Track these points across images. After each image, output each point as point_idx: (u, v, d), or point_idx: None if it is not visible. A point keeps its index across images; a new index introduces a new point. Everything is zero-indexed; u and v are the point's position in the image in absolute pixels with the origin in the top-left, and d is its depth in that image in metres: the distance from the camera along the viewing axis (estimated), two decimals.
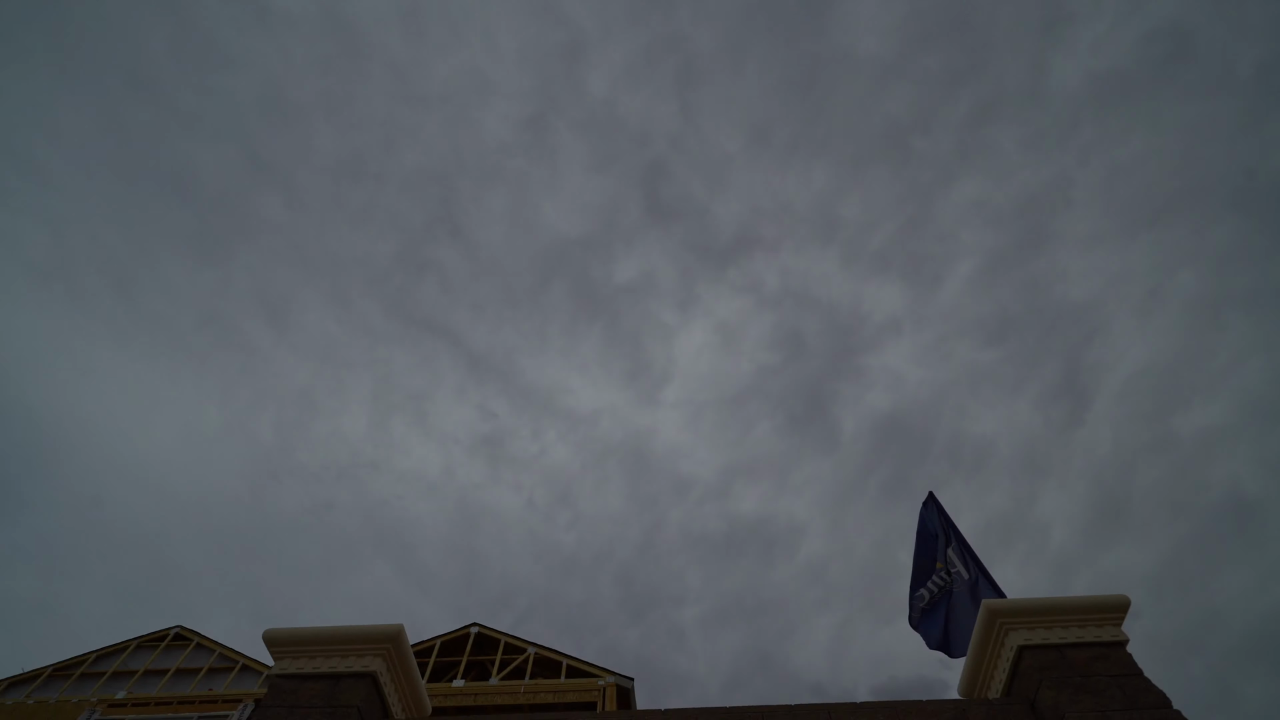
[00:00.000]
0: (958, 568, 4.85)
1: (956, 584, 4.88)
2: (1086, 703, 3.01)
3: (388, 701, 3.52)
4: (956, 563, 4.88)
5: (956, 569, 4.87)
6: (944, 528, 5.14)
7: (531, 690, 12.56)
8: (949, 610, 4.92)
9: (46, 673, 12.61)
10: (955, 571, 4.89)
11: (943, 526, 5.16)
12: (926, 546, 5.31)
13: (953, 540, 5.00)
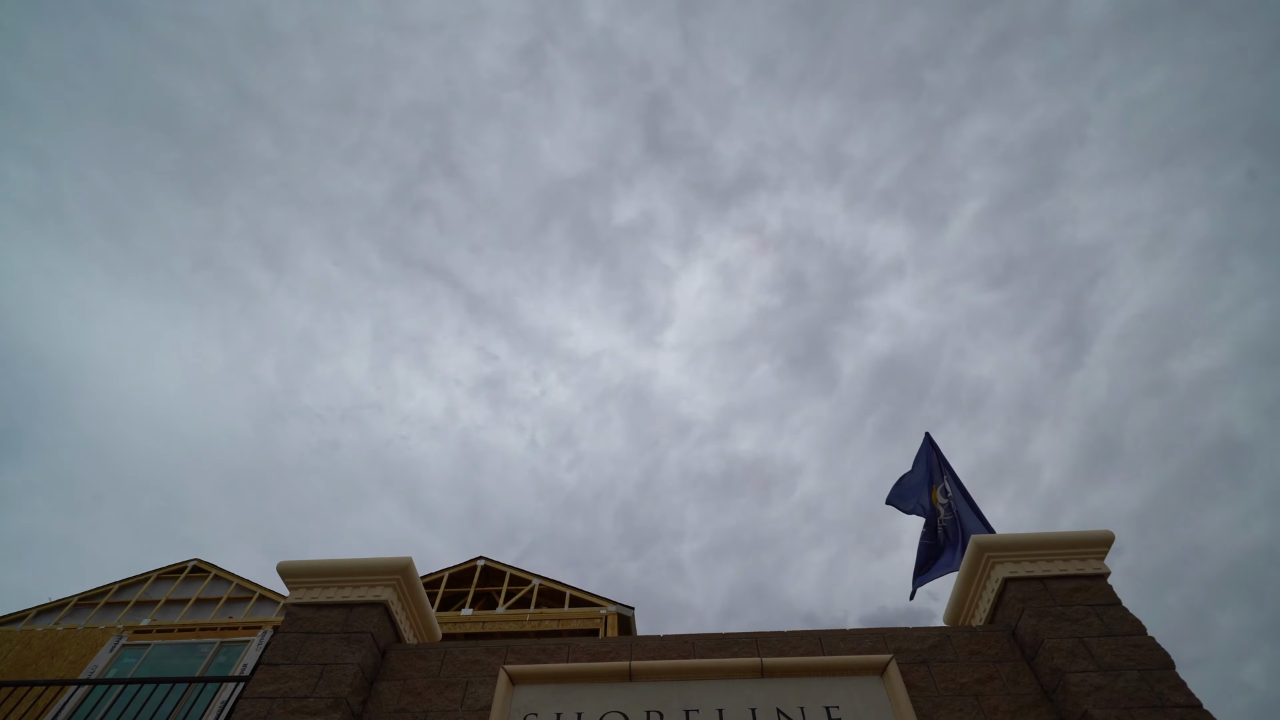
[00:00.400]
0: (950, 500, 5.00)
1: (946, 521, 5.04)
2: (1065, 630, 3.16)
3: (399, 627, 3.70)
4: (951, 492, 5.03)
5: (947, 502, 5.03)
6: (939, 467, 5.26)
7: (537, 618, 13.17)
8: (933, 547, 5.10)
9: (72, 602, 13.20)
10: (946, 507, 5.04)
11: (938, 466, 5.27)
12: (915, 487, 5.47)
13: (945, 479, 5.12)
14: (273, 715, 3.04)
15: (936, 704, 3.08)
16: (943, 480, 5.18)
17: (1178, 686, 2.88)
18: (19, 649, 12.39)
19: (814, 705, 3.12)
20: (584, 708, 3.18)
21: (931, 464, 5.37)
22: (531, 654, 3.47)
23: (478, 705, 3.21)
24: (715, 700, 3.17)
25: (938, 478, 5.29)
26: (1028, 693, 3.11)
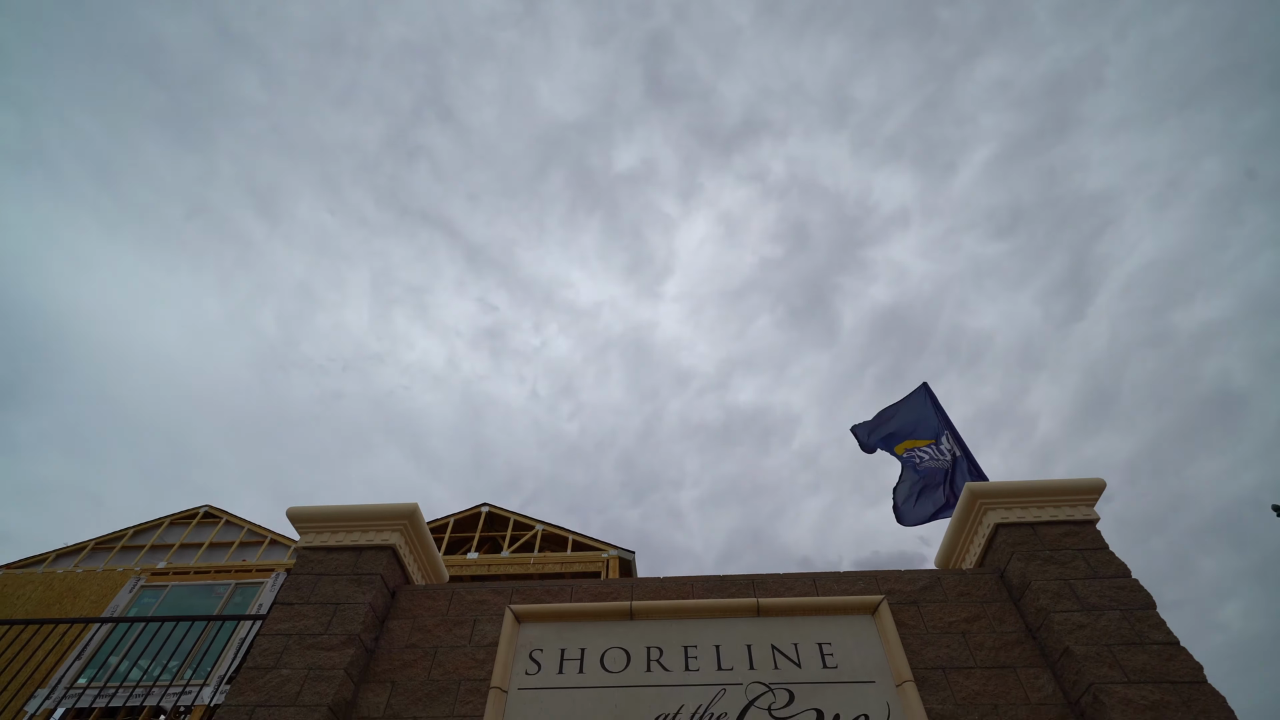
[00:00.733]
0: (945, 449, 5.10)
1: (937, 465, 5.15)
2: (1052, 572, 3.26)
3: (407, 569, 3.82)
4: (946, 444, 5.12)
5: (943, 449, 5.13)
6: (937, 415, 5.33)
7: (540, 562, 13.57)
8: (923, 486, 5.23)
9: (90, 546, 13.59)
10: (942, 454, 5.14)
11: (936, 415, 5.34)
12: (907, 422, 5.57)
13: (943, 427, 5.20)
14: (289, 650, 3.18)
15: (925, 641, 3.22)
16: (942, 432, 5.25)
17: (1157, 625, 3.00)
18: (41, 590, 12.82)
19: (807, 642, 3.25)
20: (587, 644, 3.32)
21: (923, 415, 5.43)
22: (536, 594, 3.59)
23: (485, 641, 3.35)
24: (713, 638, 3.31)
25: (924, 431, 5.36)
26: (1012, 631, 3.24)
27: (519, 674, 3.22)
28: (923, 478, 5.35)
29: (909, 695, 2.96)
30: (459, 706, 3.08)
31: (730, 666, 3.17)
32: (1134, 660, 2.86)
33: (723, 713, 2.99)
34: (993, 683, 3.03)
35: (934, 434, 5.34)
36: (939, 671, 3.09)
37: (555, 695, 3.11)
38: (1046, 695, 2.97)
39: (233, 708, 2.97)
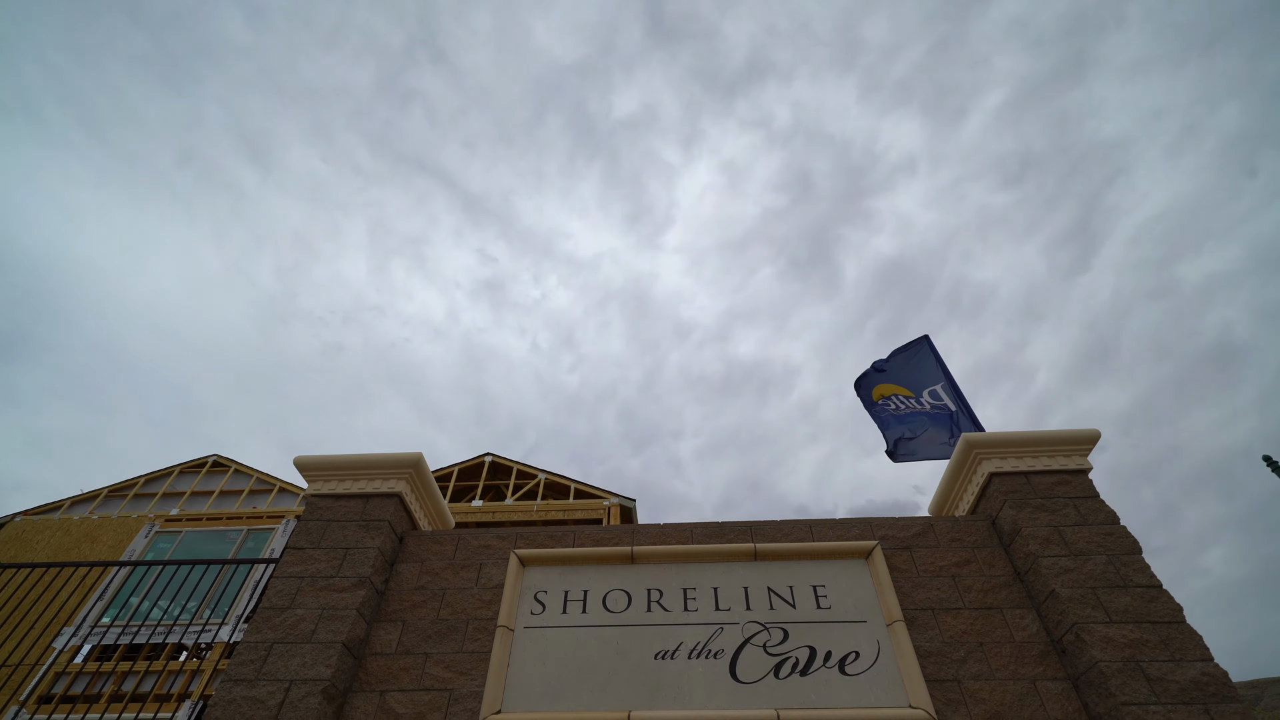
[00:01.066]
0: (943, 400, 5.16)
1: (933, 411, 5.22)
2: (1042, 519, 3.35)
3: (414, 516, 3.92)
4: (943, 396, 5.18)
5: (922, 401, 5.20)
6: (937, 366, 5.36)
7: (543, 509, 13.88)
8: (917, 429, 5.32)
9: (103, 493, 13.91)
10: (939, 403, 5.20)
11: (936, 366, 5.37)
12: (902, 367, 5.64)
13: (942, 379, 5.24)
14: (303, 592, 3.30)
15: (915, 583, 3.33)
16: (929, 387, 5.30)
17: (1141, 569, 3.09)
18: (59, 535, 13.19)
19: (802, 585, 3.37)
20: (589, 586, 3.44)
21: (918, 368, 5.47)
22: (540, 540, 3.70)
23: (491, 584, 3.47)
24: (711, 580, 3.42)
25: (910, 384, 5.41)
26: (1001, 574, 3.35)
27: (524, 614, 3.35)
28: (902, 423, 5.43)
29: (898, 634, 3.09)
30: (468, 643, 3.22)
31: (728, 607, 3.29)
32: (1117, 602, 2.97)
33: (720, 649, 3.12)
34: (979, 622, 3.15)
35: (917, 388, 5.39)
36: (928, 612, 3.21)
37: (560, 633, 3.25)
38: (1031, 634, 3.10)
39: (252, 644, 3.10)
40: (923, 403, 5.29)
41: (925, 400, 5.28)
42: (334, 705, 2.96)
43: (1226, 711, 2.59)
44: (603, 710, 2.91)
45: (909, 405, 5.39)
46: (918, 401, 5.34)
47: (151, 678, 10.10)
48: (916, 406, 5.34)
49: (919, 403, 5.33)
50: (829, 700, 2.90)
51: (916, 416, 5.38)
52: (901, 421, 5.47)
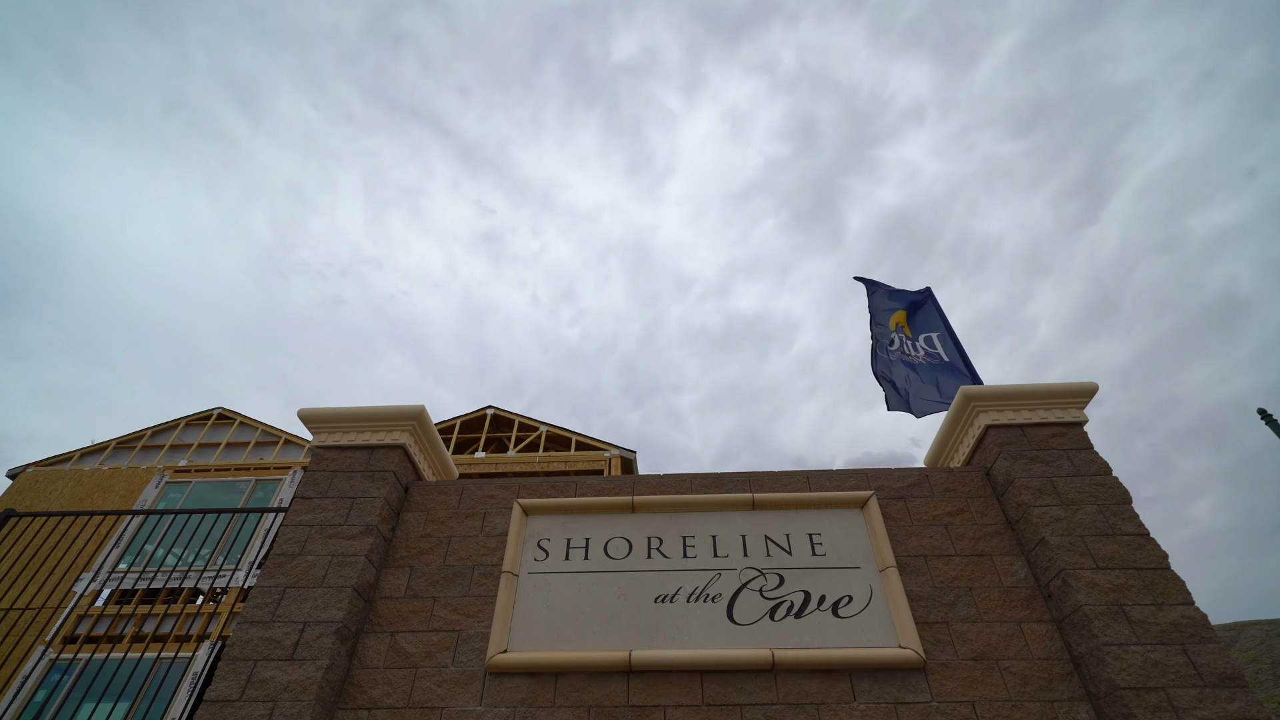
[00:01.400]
0: (937, 349, 5.18)
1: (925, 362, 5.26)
2: (1036, 470, 3.40)
3: (418, 467, 3.99)
4: (937, 345, 5.19)
5: (935, 350, 5.21)
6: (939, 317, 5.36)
7: (545, 461, 14.10)
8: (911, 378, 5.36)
9: (111, 445, 14.11)
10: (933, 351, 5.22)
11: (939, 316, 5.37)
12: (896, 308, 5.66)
13: (940, 329, 5.24)
14: (312, 539, 3.39)
15: (909, 532, 3.42)
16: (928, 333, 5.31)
17: (1130, 518, 3.17)
18: (72, 486, 13.45)
19: (799, 533, 3.46)
20: (591, 534, 3.53)
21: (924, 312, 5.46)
22: (542, 490, 3.78)
23: (495, 532, 3.56)
24: (710, 529, 3.51)
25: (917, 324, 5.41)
26: (993, 523, 3.43)
27: (528, 560, 3.45)
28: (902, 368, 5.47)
29: (891, 579, 3.19)
30: (474, 587, 3.33)
31: (726, 554, 3.39)
32: (1104, 549, 3.05)
33: (718, 593, 3.23)
34: (969, 568, 3.25)
35: (915, 331, 5.40)
36: (920, 559, 3.30)
37: (562, 578, 3.35)
38: (1019, 580, 3.20)
39: (265, 589, 3.21)
40: (918, 348, 5.31)
41: (921, 345, 5.30)
42: (347, 645, 3.09)
43: (1203, 651, 2.69)
44: (605, 650, 3.04)
45: (908, 349, 5.41)
46: (914, 346, 5.37)
47: (170, 620, 10.49)
48: (911, 353, 5.37)
49: (914, 347, 5.35)
50: (822, 641, 3.02)
51: (908, 365, 5.41)
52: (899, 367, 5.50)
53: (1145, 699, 2.57)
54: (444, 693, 2.97)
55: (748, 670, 2.94)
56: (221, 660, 2.99)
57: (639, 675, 2.96)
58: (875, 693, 2.85)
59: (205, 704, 2.84)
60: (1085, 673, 2.83)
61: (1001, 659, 2.93)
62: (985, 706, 2.79)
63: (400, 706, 2.94)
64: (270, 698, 2.82)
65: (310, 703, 2.79)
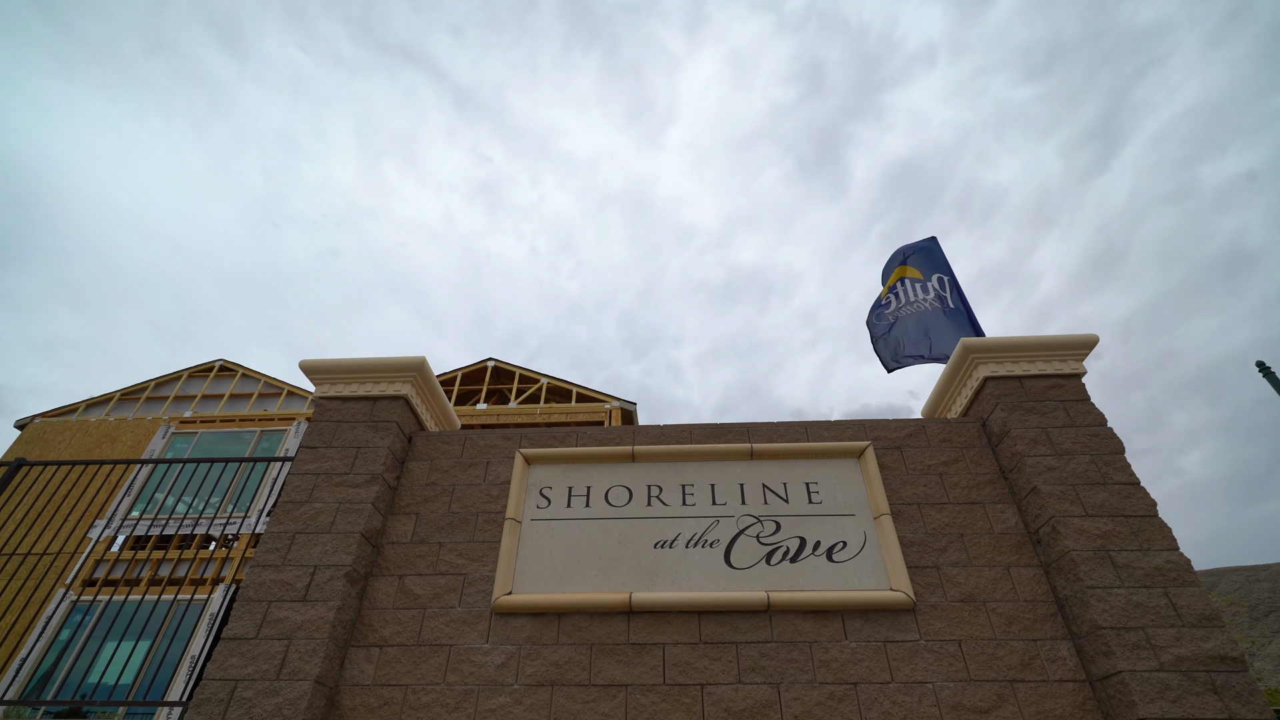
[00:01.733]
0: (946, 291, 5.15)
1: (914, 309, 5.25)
2: (1031, 421, 3.44)
3: (421, 418, 4.03)
4: (947, 288, 5.17)
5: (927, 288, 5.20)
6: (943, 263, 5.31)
7: (546, 412, 14.23)
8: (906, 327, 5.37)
9: (116, 397, 14.22)
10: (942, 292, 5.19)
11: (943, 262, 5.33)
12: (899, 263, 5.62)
13: (949, 273, 5.21)
14: (319, 487, 3.46)
15: (904, 481, 3.48)
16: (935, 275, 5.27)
17: (1122, 468, 3.22)
18: (80, 436, 13.63)
19: (796, 482, 3.52)
20: (592, 483, 3.60)
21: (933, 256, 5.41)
22: (544, 440, 3.83)
23: (498, 480, 3.63)
24: (709, 478, 3.58)
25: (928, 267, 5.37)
26: (986, 473, 3.49)
27: (530, 507, 3.53)
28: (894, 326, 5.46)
29: (884, 526, 3.27)
30: (478, 533, 3.42)
31: (724, 502, 3.47)
32: (1094, 498, 3.12)
33: (715, 539, 3.32)
34: (961, 516, 3.33)
35: (927, 273, 5.36)
36: (914, 507, 3.38)
37: (564, 525, 3.44)
38: (1009, 527, 3.28)
39: (275, 534, 3.30)
40: (928, 289, 5.28)
41: (931, 286, 5.27)
42: (357, 587, 3.19)
43: (1184, 593, 2.79)
44: (606, 592, 3.14)
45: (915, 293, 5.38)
46: (923, 289, 5.33)
47: (185, 565, 10.82)
48: (920, 296, 5.33)
49: (925, 289, 5.32)
50: (816, 584, 3.13)
51: (911, 318, 5.39)
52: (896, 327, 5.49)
53: (1125, 637, 2.68)
54: (452, 631, 3.09)
55: (744, 611, 3.05)
56: (237, 601, 3.10)
57: (639, 615, 3.07)
58: (866, 632, 2.97)
59: (224, 641, 2.97)
60: (1069, 614, 2.94)
61: (989, 601, 3.04)
62: (971, 644, 2.91)
63: (410, 644, 3.07)
64: (285, 635, 2.94)
65: (324, 640, 2.91)
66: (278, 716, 2.70)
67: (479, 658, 3.00)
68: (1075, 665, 2.83)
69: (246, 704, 2.75)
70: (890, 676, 2.84)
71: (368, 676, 2.99)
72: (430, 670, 2.98)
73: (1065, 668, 2.83)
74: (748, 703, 2.80)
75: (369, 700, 2.91)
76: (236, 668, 2.87)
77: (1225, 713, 2.48)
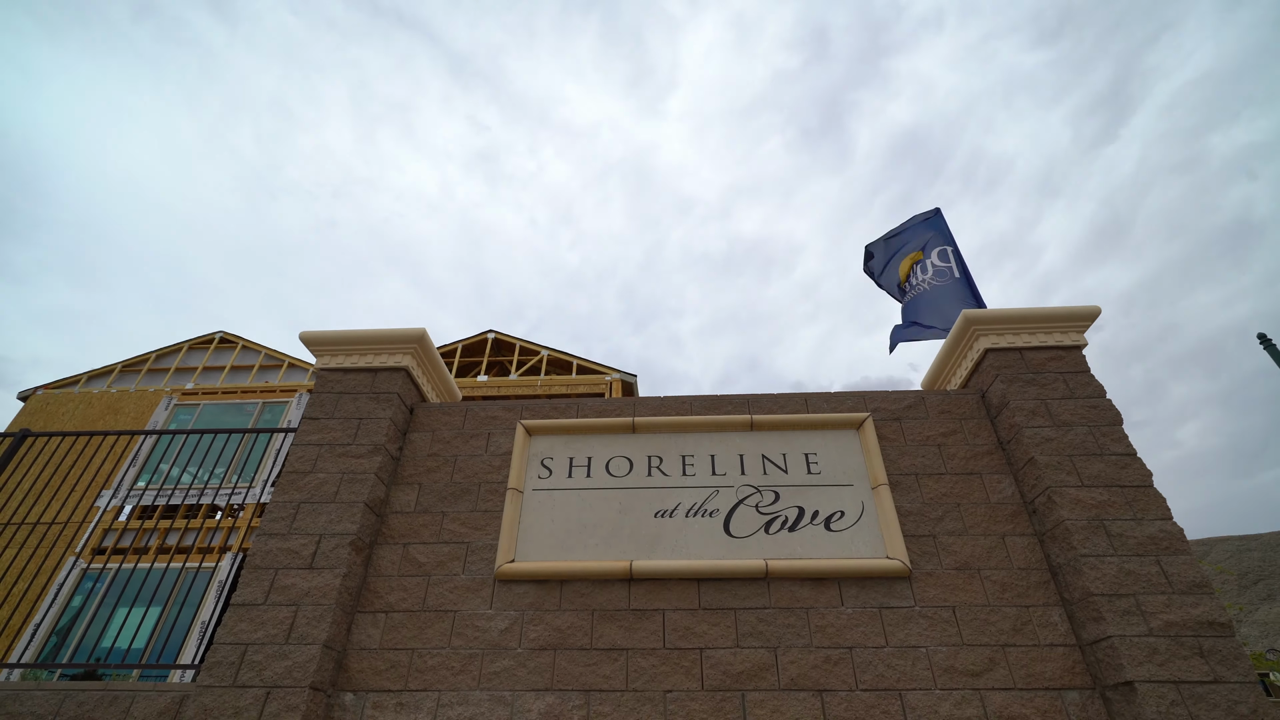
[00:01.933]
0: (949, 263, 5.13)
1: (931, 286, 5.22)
2: (1031, 393, 3.45)
3: (422, 389, 4.05)
4: (950, 259, 5.14)
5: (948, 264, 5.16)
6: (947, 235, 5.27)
7: (547, 384, 14.28)
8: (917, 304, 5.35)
9: (117, 369, 14.25)
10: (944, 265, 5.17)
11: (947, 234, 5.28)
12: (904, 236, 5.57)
13: (952, 244, 5.18)
14: (323, 458, 3.49)
15: (902, 452, 3.51)
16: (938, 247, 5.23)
17: (1119, 439, 3.24)
18: (83, 407, 13.70)
19: (795, 453, 3.55)
20: (593, 453, 3.64)
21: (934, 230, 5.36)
22: (545, 411, 3.85)
23: (500, 451, 3.66)
24: (708, 449, 3.61)
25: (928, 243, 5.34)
26: (984, 444, 3.52)
27: (532, 478, 3.57)
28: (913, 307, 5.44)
29: (882, 496, 3.31)
30: (481, 503, 3.47)
31: (724, 473, 3.50)
32: (1091, 468, 3.15)
33: (715, 509, 3.36)
34: (958, 486, 3.37)
35: (927, 250, 5.33)
36: (912, 477, 3.42)
37: (566, 494, 3.48)
38: (1005, 497, 3.32)
39: (280, 504, 3.34)
40: (928, 266, 5.25)
41: (931, 263, 5.24)
42: (362, 555, 3.25)
43: (1175, 562, 2.84)
44: (607, 560, 3.20)
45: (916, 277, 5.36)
46: (922, 269, 5.30)
47: (192, 534, 10.98)
48: (921, 278, 5.30)
49: (925, 268, 5.29)
50: (814, 552, 3.18)
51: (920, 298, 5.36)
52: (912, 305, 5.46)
53: (1116, 604, 2.74)
54: (456, 597, 3.16)
55: (742, 578, 3.11)
56: (244, 569, 3.16)
57: (640, 583, 3.13)
58: (862, 598, 3.03)
59: (233, 607, 3.03)
60: (1061, 581, 2.99)
61: (983, 569, 3.09)
62: (964, 610, 2.97)
63: (416, 609, 3.13)
64: (293, 602, 3.00)
65: (330, 606, 2.97)
66: (288, 678, 2.78)
67: (483, 623, 3.07)
68: (1066, 630, 2.90)
69: (257, 666, 2.83)
70: (885, 641, 2.91)
71: (375, 641, 3.06)
72: (436, 635, 3.05)
73: (1056, 633, 2.89)
74: (745, 665, 2.87)
75: (376, 663, 2.99)
76: (246, 632, 2.94)
77: (1211, 675, 2.55)
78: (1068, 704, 2.71)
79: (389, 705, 2.87)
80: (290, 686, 2.76)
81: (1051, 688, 2.75)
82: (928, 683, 2.79)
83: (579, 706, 2.82)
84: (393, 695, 2.90)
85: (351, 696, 2.91)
